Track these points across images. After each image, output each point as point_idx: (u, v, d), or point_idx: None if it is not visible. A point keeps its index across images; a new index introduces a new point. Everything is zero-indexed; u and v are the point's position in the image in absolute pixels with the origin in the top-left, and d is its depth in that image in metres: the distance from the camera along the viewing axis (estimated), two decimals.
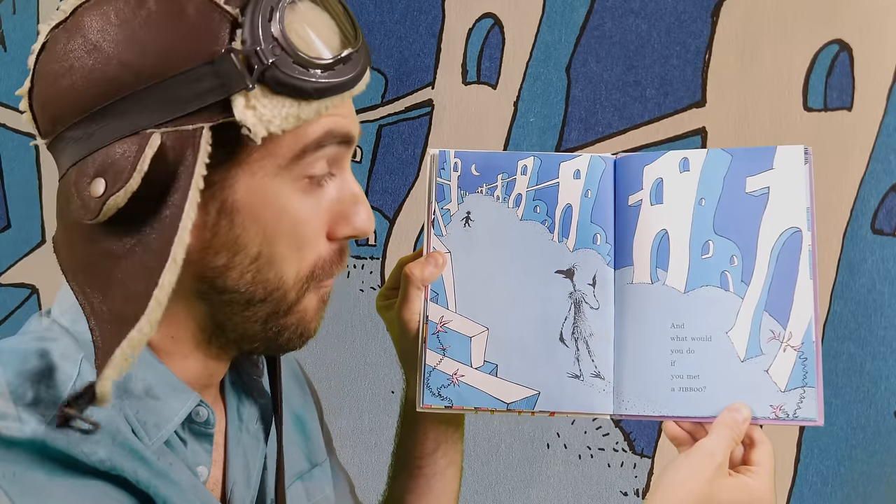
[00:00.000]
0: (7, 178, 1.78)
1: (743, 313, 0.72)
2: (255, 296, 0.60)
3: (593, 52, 1.44)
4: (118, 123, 0.55)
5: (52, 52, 0.58)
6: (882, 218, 1.28)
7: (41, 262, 1.75)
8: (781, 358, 0.71)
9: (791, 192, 0.73)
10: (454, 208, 0.79)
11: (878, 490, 1.28)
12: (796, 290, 0.72)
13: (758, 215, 0.73)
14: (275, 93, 0.55)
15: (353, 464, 1.52)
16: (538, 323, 0.76)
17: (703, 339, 0.73)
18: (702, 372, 0.72)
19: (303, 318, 0.63)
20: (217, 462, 0.67)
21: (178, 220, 0.54)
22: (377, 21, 1.56)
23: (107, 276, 0.57)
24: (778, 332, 0.71)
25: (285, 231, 0.59)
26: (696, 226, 0.74)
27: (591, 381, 0.75)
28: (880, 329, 1.28)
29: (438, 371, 0.76)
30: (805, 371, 0.71)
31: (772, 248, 0.72)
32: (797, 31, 1.32)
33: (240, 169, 0.57)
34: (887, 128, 1.28)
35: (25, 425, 0.53)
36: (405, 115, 1.56)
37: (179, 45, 0.54)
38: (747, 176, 0.74)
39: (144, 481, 0.57)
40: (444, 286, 0.78)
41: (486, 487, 1.49)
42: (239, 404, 0.71)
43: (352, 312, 1.58)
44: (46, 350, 0.59)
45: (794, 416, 0.70)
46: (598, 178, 0.78)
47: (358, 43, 0.59)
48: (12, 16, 1.76)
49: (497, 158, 0.80)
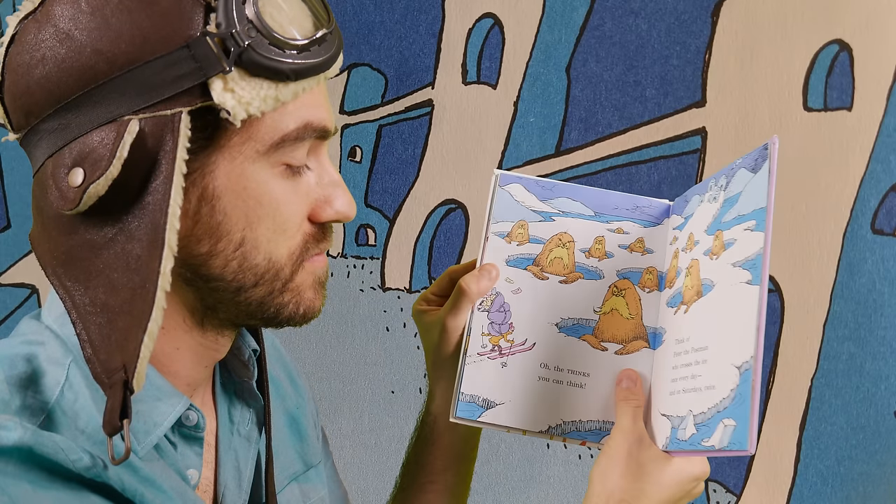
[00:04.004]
0: (7, 178, 1.78)
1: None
2: (245, 283, 0.60)
3: (593, 52, 1.44)
4: (94, 112, 0.55)
5: (23, 44, 0.57)
6: (882, 218, 1.28)
7: None
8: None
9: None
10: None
11: (878, 490, 1.28)
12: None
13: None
14: (252, 75, 0.55)
15: (353, 464, 1.52)
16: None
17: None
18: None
19: (299, 295, 0.62)
20: (209, 464, 0.67)
21: (162, 207, 0.54)
22: (377, 21, 1.56)
23: (87, 267, 0.56)
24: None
25: (267, 215, 0.59)
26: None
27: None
28: (880, 329, 1.28)
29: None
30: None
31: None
32: (797, 31, 1.32)
33: (219, 154, 0.57)
34: (887, 128, 1.28)
35: (12, 432, 0.52)
36: (405, 115, 1.56)
37: (153, 31, 0.54)
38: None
39: (130, 489, 0.56)
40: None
41: (486, 487, 1.49)
42: (230, 406, 0.70)
43: (352, 312, 1.58)
44: (34, 354, 0.58)
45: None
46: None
47: (331, 25, 0.59)
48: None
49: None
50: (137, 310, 0.54)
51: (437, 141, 1.53)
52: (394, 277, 1.57)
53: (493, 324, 0.78)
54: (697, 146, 1.38)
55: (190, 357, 0.63)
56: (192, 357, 0.64)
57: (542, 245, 0.79)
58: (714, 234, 0.71)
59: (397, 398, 1.54)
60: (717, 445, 0.62)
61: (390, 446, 1.55)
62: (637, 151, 1.42)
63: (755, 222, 0.65)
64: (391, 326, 1.56)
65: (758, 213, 0.65)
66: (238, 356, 0.71)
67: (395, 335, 1.56)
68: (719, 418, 0.62)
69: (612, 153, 1.43)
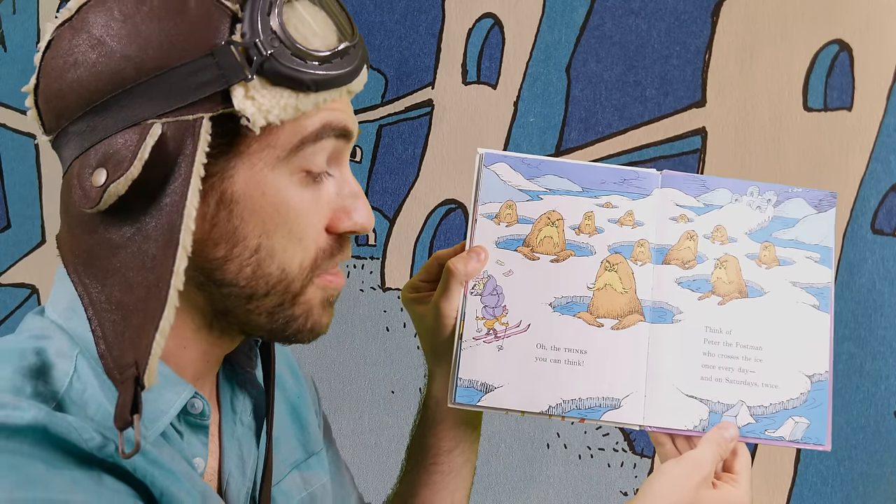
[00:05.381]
0: (7, 178, 1.78)
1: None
2: (257, 290, 0.61)
3: (593, 52, 1.44)
4: (120, 115, 0.56)
5: (58, 49, 0.59)
6: (882, 218, 1.28)
7: (41, 262, 1.75)
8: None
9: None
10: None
11: (878, 490, 1.28)
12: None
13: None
14: (273, 84, 0.57)
15: (353, 464, 1.52)
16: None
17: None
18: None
19: (308, 310, 0.64)
20: (213, 453, 0.68)
21: (178, 208, 0.55)
22: (377, 21, 1.56)
23: (105, 265, 0.58)
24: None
25: (284, 222, 0.60)
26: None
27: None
28: (880, 329, 1.28)
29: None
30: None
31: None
32: (797, 31, 1.32)
33: (239, 160, 0.58)
34: (887, 128, 1.28)
35: (25, 412, 0.53)
36: (405, 115, 1.56)
37: (181, 38, 0.56)
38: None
39: (141, 470, 0.57)
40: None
41: (486, 487, 1.49)
42: (232, 396, 0.71)
43: (352, 312, 1.58)
44: (43, 348, 0.59)
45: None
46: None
47: (355, 39, 0.60)
48: (12, 16, 1.76)
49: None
50: (151, 308, 0.55)
51: (437, 141, 1.53)
52: (394, 277, 1.57)
53: (487, 307, 0.78)
54: (697, 146, 1.38)
55: (196, 356, 0.65)
56: (199, 356, 0.65)
57: (531, 225, 0.79)
58: (763, 244, 0.78)
59: (397, 398, 1.55)
60: (787, 437, 0.74)
61: (390, 446, 1.55)
62: (637, 151, 1.42)
63: (820, 256, 0.78)
64: (391, 326, 1.56)
65: (822, 250, 0.78)
66: (241, 347, 0.71)
67: (395, 335, 1.56)
68: (787, 415, 0.75)
69: (612, 153, 1.43)
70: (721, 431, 0.73)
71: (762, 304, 0.77)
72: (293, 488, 0.74)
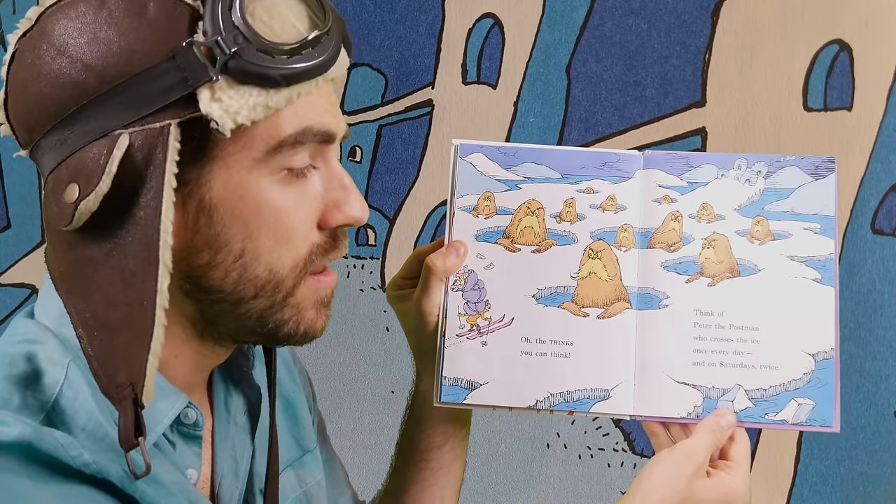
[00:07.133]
0: (7, 178, 1.78)
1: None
2: (245, 294, 0.59)
3: (593, 52, 1.44)
4: (88, 127, 0.54)
5: (21, 61, 0.57)
6: (882, 218, 1.28)
7: (41, 262, 1.75)
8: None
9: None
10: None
11: (878, 490, 1.28)
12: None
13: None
14: (240, 83, 0.54)
15: (353, 464, 1.52)
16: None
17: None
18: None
19: (300, 312, 0.62)
20: (206, 461, 0.66)
21: (154, 221, 0.53)
22: (377, 21, 1.56)
23: (87, 282, 0.56)
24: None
25: (267, 224, 0.58)
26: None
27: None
28: (880, 329, 1.28)
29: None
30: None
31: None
32: (797, 31, 1.32)
33: (214, 165, 0.56)
34: (887, 128, 1.28)
35: (11, 428, 0.52)
36: (405, 115, 1.56)
37: (140, 43, 0.53)
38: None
39: (130, 485, 0.56)
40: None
41: (486, 487, 1.49)
42: (226, 395, 0.70)
43: (352, 312, 1.58)
44: (33, 353, 0.58)
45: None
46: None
47: (327, 25, 0.57)
48: (12, 16, 1.76)
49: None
50: (137, 327, 0.54)
51: (437, 141, 1.53)
52: None
53: (469, 303, 0.76)
54: (697, 146, 1.38)
55: (188, 365, 0.63)
56: (191, 365, 0.64)
57: (511, 216, 0.77)
58: (754, 219, 0.74)
59: (397, 398, 1.55)
60: (789, 420, 0.71)
61: (390, 446, 1.55)
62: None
63: (820, 226, 0.73)
64: (391, 326, 1.56)
65: (823, 220, 0.73)
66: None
67: (395, 335, 1.56)
68: (789, 397, 0.72)
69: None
70: (717, 419, 0.70)
71: (756, 283, 0.73)
72: (287, 486, 0.73)
